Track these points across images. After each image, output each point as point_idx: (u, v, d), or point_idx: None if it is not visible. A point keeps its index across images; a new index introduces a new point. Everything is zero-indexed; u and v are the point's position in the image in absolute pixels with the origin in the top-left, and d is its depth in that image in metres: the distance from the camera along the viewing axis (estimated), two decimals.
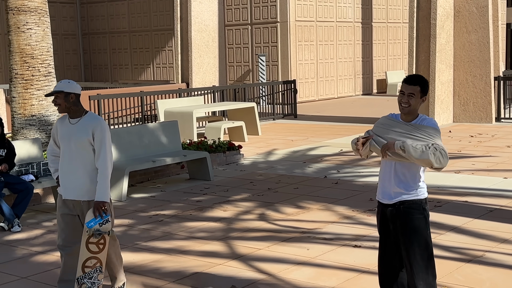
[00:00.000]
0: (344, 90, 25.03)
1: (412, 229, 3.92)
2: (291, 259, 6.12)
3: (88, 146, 4.76)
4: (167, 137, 10.29)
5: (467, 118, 15.91)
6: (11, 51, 10.42)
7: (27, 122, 10.40)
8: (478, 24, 15.57)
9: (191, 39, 19.10)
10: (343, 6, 24.48)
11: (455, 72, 15.91)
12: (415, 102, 3.91)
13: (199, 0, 19.21)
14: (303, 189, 9.20)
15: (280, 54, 22.43)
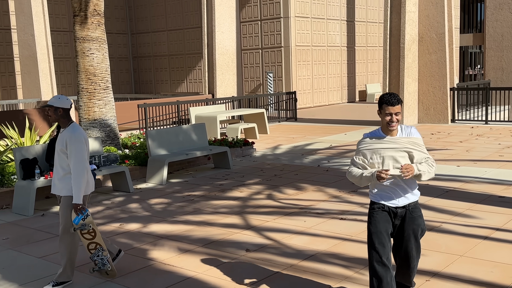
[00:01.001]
0: (333, 99, 24.99)
1: (417, 225, 3.73)
2: (291, 229, 6.14)
3: (63, 153, 4.66)
4: (197, 136, 10.33)
5: (428, 120, 15.86)
6: (78, 71, 10.50)
7: (90, 124, 10.47)
8: (437, 47, 15.51)
9: (215, 60, 19.13)
10: (333, 34, 24.44)
11: (419, 84, 15.87)
12: (399, 119, 3.68)
13: (221, 31, 19.22)
14: (301, 175, 9.21)
15: (284, 71, 22.43)
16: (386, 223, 3.73)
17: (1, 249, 5.88)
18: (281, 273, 4.84)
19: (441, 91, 15.59)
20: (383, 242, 3.68)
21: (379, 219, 3.73)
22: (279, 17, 22.21)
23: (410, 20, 15.38)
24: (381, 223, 3.72)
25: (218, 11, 19.11)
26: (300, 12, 22.52)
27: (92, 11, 10.32)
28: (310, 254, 5.29)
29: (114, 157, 8.65)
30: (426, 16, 15.60)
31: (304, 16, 22.77)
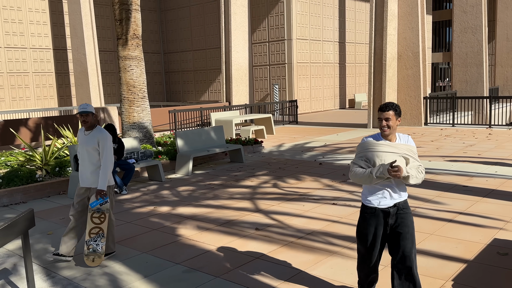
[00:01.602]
0: (327, 106, 24.86)
1: (410, 222, 3.32)
2: (292, 212, 6.13)
3: (94, 151, 4.57)
4: (216, 136, 10.34)
5: (406, 123, 15.73)
6: (121, 83, 10.54)
7: (130, 126, 10.50)
8: (413, 63, 15.37)
9: (232, 75, 19.11)
10: (327, 53, 24.31)
11: (398, 94, 15.73)
12: (393, 123, 3.21)
13: (236, 50, 19.20)
14: (301, 168, 9.18)
15: (287, 83, 22.36)
16: (376, 227, 3.33)
17: (59, 227, 5.93)
18: (284, 247, 4.84)
19: (416, 99, 15.46)
20: (369, 245, 3.36)
21: (370, 223, 3.34)
22: (283, 39, 22.15)
23: (390, 41, 15.26)
24: (370, 226, 3.34)
25: (234, 35, 19.10)
26: (300, 35, 22.45)
27: (132, 35, 10.36)
28: (307, 232, 5.29)
29: (150, 153, 8.69)
30: (404, 38, 15.47)
31: (304, 38, 22.69)
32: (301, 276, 4.11)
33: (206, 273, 4.25)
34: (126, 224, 5.87)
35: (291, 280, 4.02)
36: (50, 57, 21.55)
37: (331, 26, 24.44)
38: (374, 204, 3.32)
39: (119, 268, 4.47)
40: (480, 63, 19.96)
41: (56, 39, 21.73)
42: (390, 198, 3.30)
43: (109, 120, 14.27)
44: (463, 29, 20.32)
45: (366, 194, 3.38)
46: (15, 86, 20.50)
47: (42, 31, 21.23)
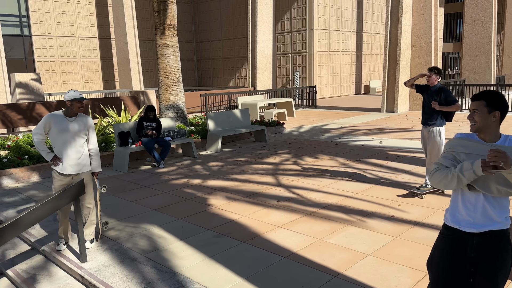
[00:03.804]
0: (344, 91, 24.49)
1: (500, 262, 2.15)
2: (311, 187, 6.12)
3: (84, 136, 4.10)
4: (243, 117, 10.34)
5: (417, 108, 15.36)
6: (158, 69, 10.60)
7: (167, 108, 10.60)
8: (425, 52, 14.91)
9: (257, 62, 18.96)
10: (345, 42, 23.81)
11: None
12: (480, 118, 2.12)
13: (262, 40, 18.99)
14: (319, 148, 9.13)
15: (307, 70, 22.07)
16: (455, 255, 2.20)
17: (106, 195, 6.09)
18: (303, 217, 4.85)
19: None
20: (445, 279, 2.23)
21: (444, 248, 2.24)
22: (305, 29, 21.78)
23: (405, 32, 14.81)
24: (448, 254, 2.22)
25: (260, 25, 18.87)
26: (321, 25, 22.01)
27: (168, 25, 10.35)
28: (324, 205, 5.28)
29: (184, 132, 8.77)
30: (417, 29, 14.99)
31: (324, 28, 22.24)
32: (319, 243, 4.12)
33: (234, 238, 4.31)
34: (163, 194, 5.98)
35: (310, 247, 4.04)
36: (96, 45, 21.80)
37: (349, 17, 23.87)
38: (454, 225, 2.22)
39: (158, 232, 4.57)
40: (489, 53, 19.22)
41: (101, 29, 21.93)
42: (478, 222, 2.15)
43: (148, 102, 14.43)
44: (473, 20, 19.54)
45: (448, 209, 2.29)
46: (66, 71, 20.88)
47: (89, 22, 21.44)
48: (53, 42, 20.27)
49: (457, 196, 2.22)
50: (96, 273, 3.70)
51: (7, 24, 19.01)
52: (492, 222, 2.14)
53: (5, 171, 6.79)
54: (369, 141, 9.65)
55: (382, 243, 4.08)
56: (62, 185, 4.10)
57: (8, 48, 18.98)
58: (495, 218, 2.14)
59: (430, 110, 5.36)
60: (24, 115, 11.50)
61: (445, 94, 5.25)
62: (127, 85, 20.26)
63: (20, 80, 13.27)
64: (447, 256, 2.22)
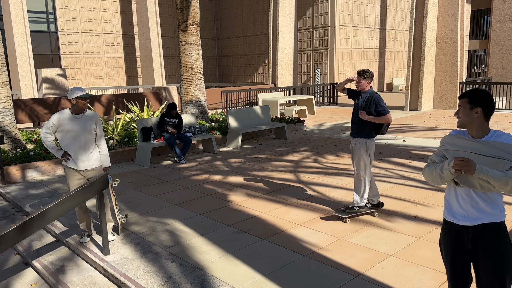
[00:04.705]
0: None
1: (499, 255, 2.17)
2: (332, 185, 6.07)
3: (92, 132, 4.15)
4: (263, 114, 10.33)
5: (441, 107, 15.03)
6: (180, 65, 10.68)
7: (188, 104, 10.68)
8: (451, 50, 14.55)
9: (278, 59, 18.91)
10: (368, 39, 23.47)
11: (435, 79, 15.01)
12: (463, 114, 2.22)
13: (283, 36, 18.92)
14: (340, 146, 9.04)
15: (329, 67, 21.86)
16: (454, 248, 2.30)
17: (128, 189, 6.18)
18: (324, 216, 4.81)
19: (452, 84, 14.70)
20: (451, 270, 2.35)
21: (446, 242, 2.35)
22: (327, 26, 21.56)
23: (430, 29, 14.49)
24: (448, 247, 2.33)
25: (281, 22, 18.79)
26: (343, 22, 21.75)
27: (191, 22, 10.41)
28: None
29: (205, 128, 8.82)
30: (443, 26, 14.63)
31: (346, 25, 21.98)
32: (339, 243, 4.08)
33: (253, 235, 4.30)
34: (184, 189, 6.02)
35: (330, 246, 4.00)
36: (120, 41, 22.12)
37: (372, 14, 23.51)
38: (450, 219, 2.31)
39: (179, 227, 4.61)
40: None
41: (125, 25, 22.24)
42: (470, 215, 2.23)
43: (170, 98, 14.57)
44: (501, 17, 18.96)
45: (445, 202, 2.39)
46: (90, 67, 21.28)
47: (113, 18, 21.77)
48: (78, 38, 20.68)
49: (451, 191, 2.31)
50: (118, 266, 3.75)
51: (35, 21, 19.48)
52: (485, 215, 2.20)
53: (31, 164, 6.97)
54: (392, 139, 9.49)
55: (404, 243, 4.00)
56: (77, 179, 4.18)
57: (35, 44, 19.47)
58: (488, 211, 2.20)
59: (358, 119, 4.60)
60: (50, 110, 11.78)
61: (376, 102, 4.49)
62: (149, 81, 20.51)
63: (47, 75, 13.59)
64: (448, 248, 2.34)
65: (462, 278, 2.34)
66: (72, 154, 4.12)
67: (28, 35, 16.57)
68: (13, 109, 7.84)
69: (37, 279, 4.01)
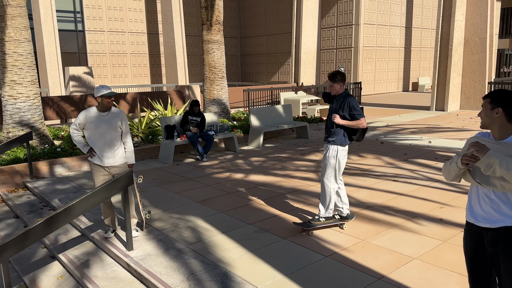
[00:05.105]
0: (391, 88, 23.78)
1: None
2: (355, 185, 5.99)
3: (118, 129, 4.23)
4: (285, 113, 10.29)
5: (469, 107, 14.63)
6: (204, 64, 10.75)
7: (211, 102, 10.74)
8: (479, 49, 14.14)
9: (301, 58, 18.81)
10: (393, 38, 23.07)
11: (463, 78, 14.62)
12: (484, 115, 2.19)
13: (306, 35, 18.80)
14: (363, 146, 8.92)
15: (352, 66, 21.60)
16: (474, 250, 2.25)
17: (151, 186, 6.27)
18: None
19: (481, 84, 14.29)
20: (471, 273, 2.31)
21: (466, 244, 2.31)
22: (351, 24, 21.32)
23: (458, 27, 14.12)
24: (469, 250, 2.29)
25: (305, 20, 18.69)
26: (368, 20, 21.46)
27: (214, 20, 10.46)
28: (369, 205, 5.15)
29: (227, 126, 8.86)
30: (471, 24, 14.24)
31: (371, 23, 21.67)
32: (362, 244, 4.03)
33: (274, 234, 4.30)
34: (206, 187, 6.07)
35: (353, 247, 3.95)
36: (145, 40, 22.46)
37: (398, 12, 23.10)
38: (471, 220, 2.25)
39: (201, 224, 4.65)
40: None
41: (150, 24, 22.56)
42: (490, 217, 2.16)
43: (193, 97, 14.70)
44: None
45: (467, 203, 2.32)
46: (116, 65, 21.68)
47: (139, 17, 22.12)
48: (104, 37, 21.10)
49: (473, 192, 2.25)
50: (141, 261, 3.81)
51: (63, 20, 19.99)
52: (506, 217, 2.13)
53: (58, 160, 7.16)
54: (417, 140, 9.31)
55: (429, 246, 3.92)
56: (102, 175, 4.27)
57: (63, 42, 19.98)
58: (509, 214, 2.12)
59: (331, 124, 4.31)
60: (76, 107, 12.06)
61: (350, 106, 4.20)
62: (173, 80, 20.75)
63: (74, 73, 13.92)
64: (468, 251, 2.29)
65: (483, 282, 2.27)
66: (98, 151, 4.21)
67: (57, 34, 17.02)
68: (41, 106, 8.07)
69: (63, 272, 4.12)
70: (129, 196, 4.28)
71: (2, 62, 7.55)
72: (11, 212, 5.96)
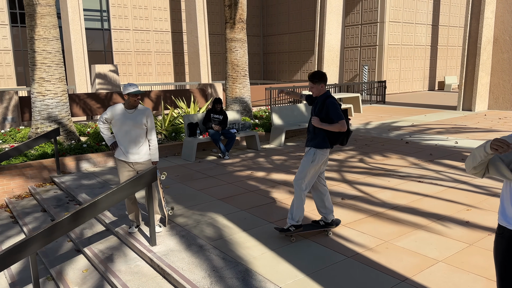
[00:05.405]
0: (416, 87, 23.31)
1: None
2: (378, 185, 5.90)
3: (143, 126, 4.30)
4: (307, 112, 10.22)
5: (497, 107, 14.20)
6: (227, 63, 10.79)
7: (233, 101, 10.78)
8: (509, 47, 13.69)
9: (323, 56, 18.67)
10: (419, 36, 22.60)
11: (491, 77, 14.19)
12: None
13: (330, 33, 18.64)
14: (387, 146, 8.78)
15: (377, 64, 21.28)
16: (505, 255, 2.14)
17: (174, 182, 6.34)
18: (369, 217, 4.70)
19: (510, 83, 13.84)
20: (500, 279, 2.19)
21: (497, 248, 2.19)
22: (376, 22, 21.00)
23: (487, 25, 13.71)
24: (499, 254, 2.17)
25: (329, 18, 18.52)
26: (393, 18, 21.09)
27: (238, 19, 10.49)
28: (393, 206, 5.07)
29: (248, 125, 8.87)
30: (501, 22, 13.80)
31: (397, 21, 21.29)
32: (385, 246, 3.96)
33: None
34: (227, 185, 6.09)
35: (376, 249, 3.90)
36: (169, 39, 22.72)
37: (424, 9, 22.61)
38: (503, 222, 2.14)
39: (222, 221, 4.67)
40: None
41: (174, 23, 22.80)
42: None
43: (215, 95, 14.78)
44: None
45: (499, 206, 2.20)
46: (141, 63, 22.03)
47: (163, 16, 22.39)
48: (129, 35, 21.45)
49: (506, 194, 2.12)
50: (164, 257, 3.86)
51: (89, 19, 20.43)
52: None
53: (84, 155, 7.32)
54: (443, 140, 9.10)
55: (455, 249, 3.83)
56: (127, 171, 4.36)
57: (89, 41, 20.42)
58: None
59: (312, 127, 4.09)
60: (102, 104, 12.31)
61: (329, 108, 3.95)
62: (196, 78, 20.92)
63: (100, 71, 14.21)
64: (499, 255, 2.17)
65: None
66: (123, 147, 4.30)
67: (83, 32, 17.41)
68: (68, 103, 8.26)
69: (88, 265, 4.21)
70: (152, 193, 4.34)
71: (32, 60, 7.77)
72: (38, 205, 6.13)
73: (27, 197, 6.54)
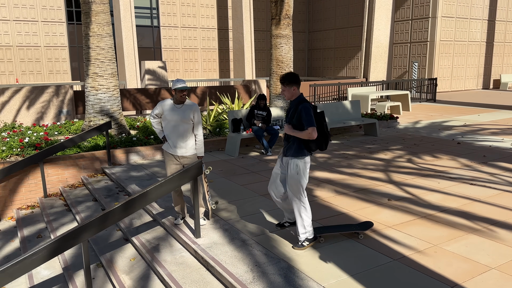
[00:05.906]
0: (469, 85, 22.19)
1: None
2: (427, 187, 5.69)
3: (190, 121, 4.38)
4: (353, 109, 10.03)
5: None
6: (271, 59, 10.79)
7: (277, 97, 10.76)
8: None
9: (371, 52, 18.20)
10: (474, 31, 21.47)
11: None
12: None
13: (378, 28, 18.14)
14: (437, 146, 8.43)
15: (427, 61, 20.45)
16: None
17: (218, 177, 6.44)
18: (417, 220, 4.54)
19: None
20: None
21: None
22: (427, 17, 20.17)
23: None
24: None
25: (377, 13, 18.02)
26: (446, 13, 20.16)
27: (284, 15, 10.44)
28: (443, 209, 4.86)
29: None
30: None
31: (450, 16, 20.34)
32: (434, 249, 3.81)
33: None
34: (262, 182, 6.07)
35: (424, 252, 3.76)
36: (215, 35, 23.04)
37: (480, 4, 21.44)
38: None
39: (265, 217, 4.68)
40: None
41: (220, 20, 23.08)
42: None
43: (259, 91, 14.83)
44: None
45: None
46: (187, 60, 22.50)
47: (210, 13, 22.72)
48: (177, 32, 21.96)
49: None
50: (208, 249, 3.93)
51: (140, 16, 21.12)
52: None
53: (134, 148, 7.60)
54: (498, 142, 8.61)
55: (509, 257, 3.62)
56: (174, 164, 4.48)
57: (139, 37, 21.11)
58: None
59: (286, 134, 3.87)
60: (151, 99, 12.71)
61: (301, 113, 3.67)
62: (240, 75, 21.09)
63: (149, 67, 14.67)
64: None
65: None
66: (171, 141, 4.43)
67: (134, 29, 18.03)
68: (120, 97, 8.60)
69: (135, 254, 4.38)
70: (198, 186, 4.43)
71: (86, 55, 8.15)
72: (90, 195, 6.44)
73: (80, 187, 6.89)
